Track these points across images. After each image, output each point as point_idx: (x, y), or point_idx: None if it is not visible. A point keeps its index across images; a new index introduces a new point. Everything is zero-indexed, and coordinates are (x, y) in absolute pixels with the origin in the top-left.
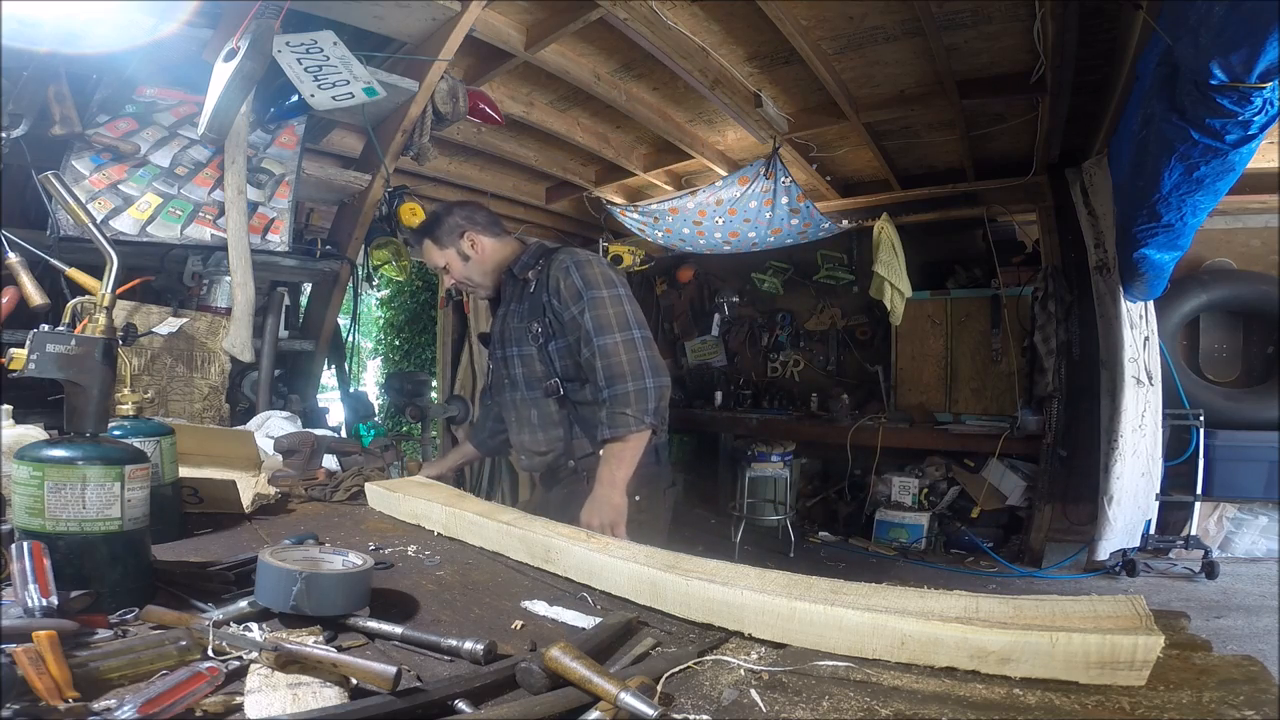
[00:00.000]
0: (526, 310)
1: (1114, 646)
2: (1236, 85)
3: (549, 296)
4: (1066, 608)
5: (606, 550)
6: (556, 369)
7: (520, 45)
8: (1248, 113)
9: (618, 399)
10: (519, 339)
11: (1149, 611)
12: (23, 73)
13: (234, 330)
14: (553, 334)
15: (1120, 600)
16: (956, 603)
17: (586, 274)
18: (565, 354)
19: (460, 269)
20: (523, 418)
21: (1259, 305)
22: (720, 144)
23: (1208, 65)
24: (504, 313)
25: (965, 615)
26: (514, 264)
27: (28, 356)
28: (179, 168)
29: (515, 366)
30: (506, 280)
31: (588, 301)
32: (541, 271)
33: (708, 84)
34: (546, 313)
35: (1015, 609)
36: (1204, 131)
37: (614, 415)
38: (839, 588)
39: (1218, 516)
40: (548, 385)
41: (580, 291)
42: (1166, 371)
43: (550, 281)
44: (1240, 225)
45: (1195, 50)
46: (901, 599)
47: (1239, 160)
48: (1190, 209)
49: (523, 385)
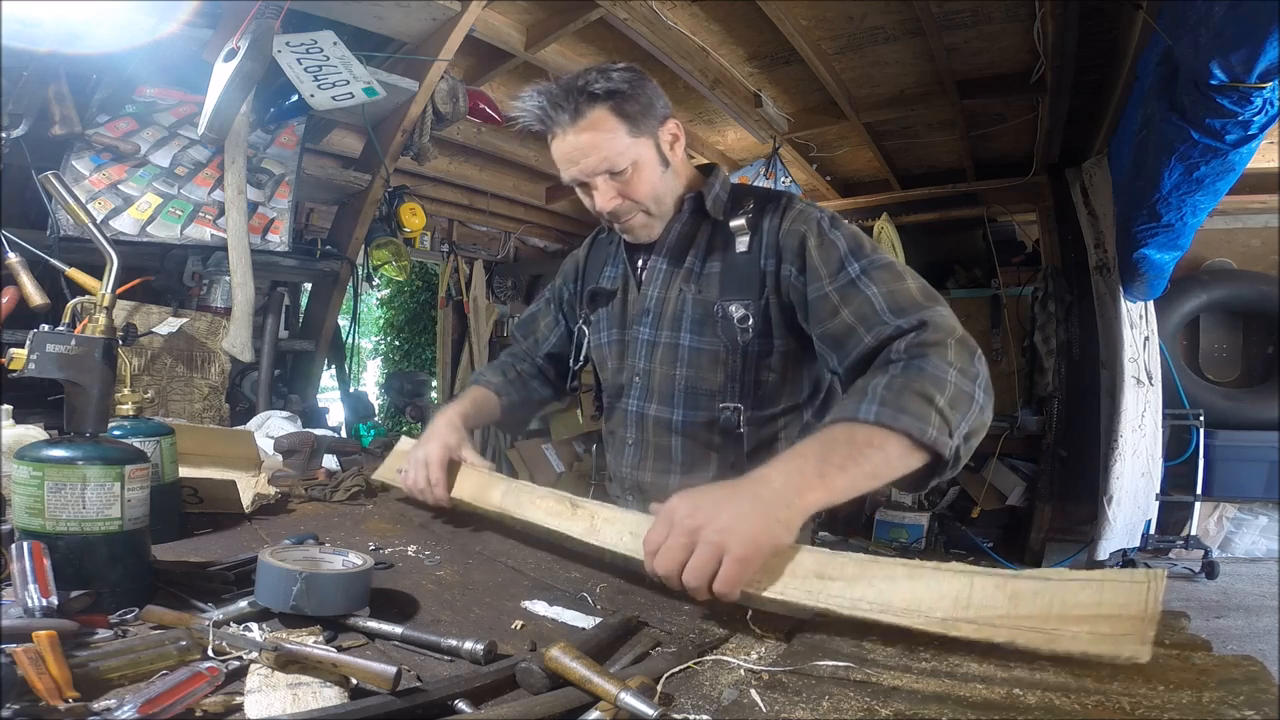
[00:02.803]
0: (718, 277)
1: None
2: (1236, 85)
3: (779, 262)
4: (1067, 598)
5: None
6: (746, 386)
7: (520, 45)
8: (1248, 113)
9: (919, 370)
10: (691, 320)
11: (1158, 609)
12: (23, 73)
13: (234, 330)
14: (769, 329)
15: (1136, 584)
16: (949, 589)
17: (851, 234)
18: (767, 360)
19: (651, 180)
20: (650, 444)
21: (1259, 305)
22: (720, 144)
23: (1208, 65)
24: (661, 270)
25: (954, 612)
26: (696, 195)
27: (28, 356)
28: (179, 168)
29: (666, 362)
30: (675, 219)
31: (862, 272)
32: (756, 219)
33: (708, 84)
34: (765, 290)
35: (1011, 598)
36: (1204, 131)
37: (905, 387)
38: (826, 568)
39: (1218, 516)
40: (722, 409)
41: (846, 259)
42: (1166, 371)
43: (781, 236)
44: (1240, 225)
45: (1195, 50)
46: (889, 588)
47: (1239, 160)
48: (1190, 209)
49: (663, 396)
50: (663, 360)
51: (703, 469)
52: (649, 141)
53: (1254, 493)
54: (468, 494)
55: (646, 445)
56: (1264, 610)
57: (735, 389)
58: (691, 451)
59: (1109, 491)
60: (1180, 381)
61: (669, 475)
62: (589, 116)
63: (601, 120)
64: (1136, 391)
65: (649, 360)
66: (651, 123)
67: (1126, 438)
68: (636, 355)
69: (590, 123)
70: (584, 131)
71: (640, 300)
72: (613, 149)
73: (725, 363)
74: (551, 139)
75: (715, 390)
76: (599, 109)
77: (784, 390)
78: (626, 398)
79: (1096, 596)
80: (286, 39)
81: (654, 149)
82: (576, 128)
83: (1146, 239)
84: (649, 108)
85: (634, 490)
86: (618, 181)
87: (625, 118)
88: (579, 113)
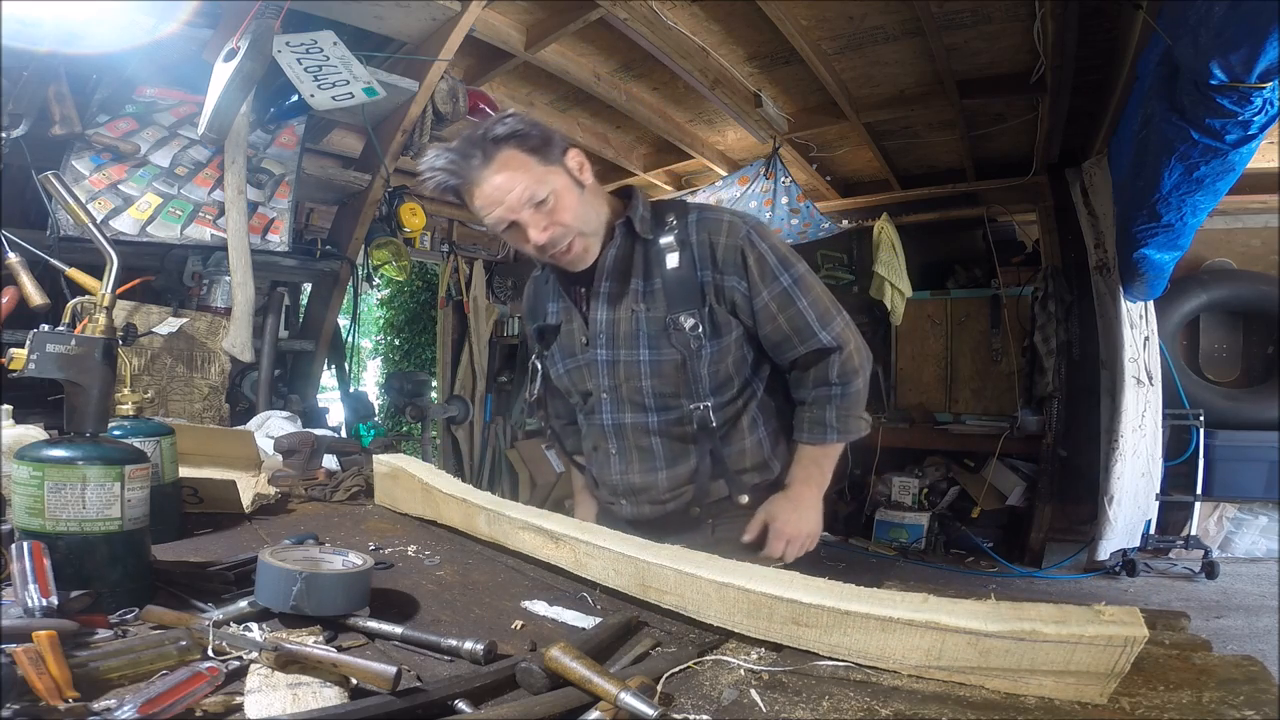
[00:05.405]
0: (662, 293)
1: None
2: (1236, 85)
3: (713, 273)
4: (1038, 658)
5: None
6: (706, 382)
7: (520, 45)
8: (1248, 113)
9: (851, 396)
10: (646, 337)
11: (1128, 668)
12: (23, 73)
13: (234, 330)
14: (716, 331)
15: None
16: (921, 643)
17: (776, 245)
18: (719, 357)
19: (573, 204)
20: (633, 449)
21: (1259, 305)
22: (720, 144)
23: (1208, 65)
24: (605, 294)
25: (925, 661)
26: (623, 218)
27: (28, 356)
28: (179, 168)
29: (632, 376)
30: (608, 244)
31: (794, 283)
32: (682, 235)
33: (708, 84)
34: (707, 298)
35: (982, 654)
36: (1204, 131)
37: (847, 414)
38: (801, 615)
39: (1218, 516)
40: (689, 408)
41: (777, 270)
42: (1166, 371)
43: (718, 251)
44: (1240, 225)
45: (1195, 50)
46: (864, 638)
47: (1239, 160)
48: (1190, 209)
49: (635, 405)
50: (627, 375)
51: (684, 460)
52: (559, 169)
53: (1254, 493)
54: (457, 521)
55: (629, 451)
56: (1264, 610)
57: (698, 388)
58: (670, 447)
59: (1109, 491)
60: (1180, 381)
61: (655, 472)
62: (499, 158)
63: (512, 158)
64: (1136, 391)
65: (611, 377)
66: (555, 153)
67: (1126, 438)
68: (598, 375)
69: (502, 162)
70: (500, 171)
71: (591, 325)
72: (530, 179)
73: (686, 368)
74: (468, 192)
75: (681, 392)
76: (506, 149)
77: (736, 375)
78: (599, 414)
79: (1067, 656)
80: (286, 39)
81: (566, 175)
82: (491, 169)
83: (1146, 239)
84: (548, 140)
85: (627, 494)
86: (542, 212)
87: (532, 152)
88: (489, 156)
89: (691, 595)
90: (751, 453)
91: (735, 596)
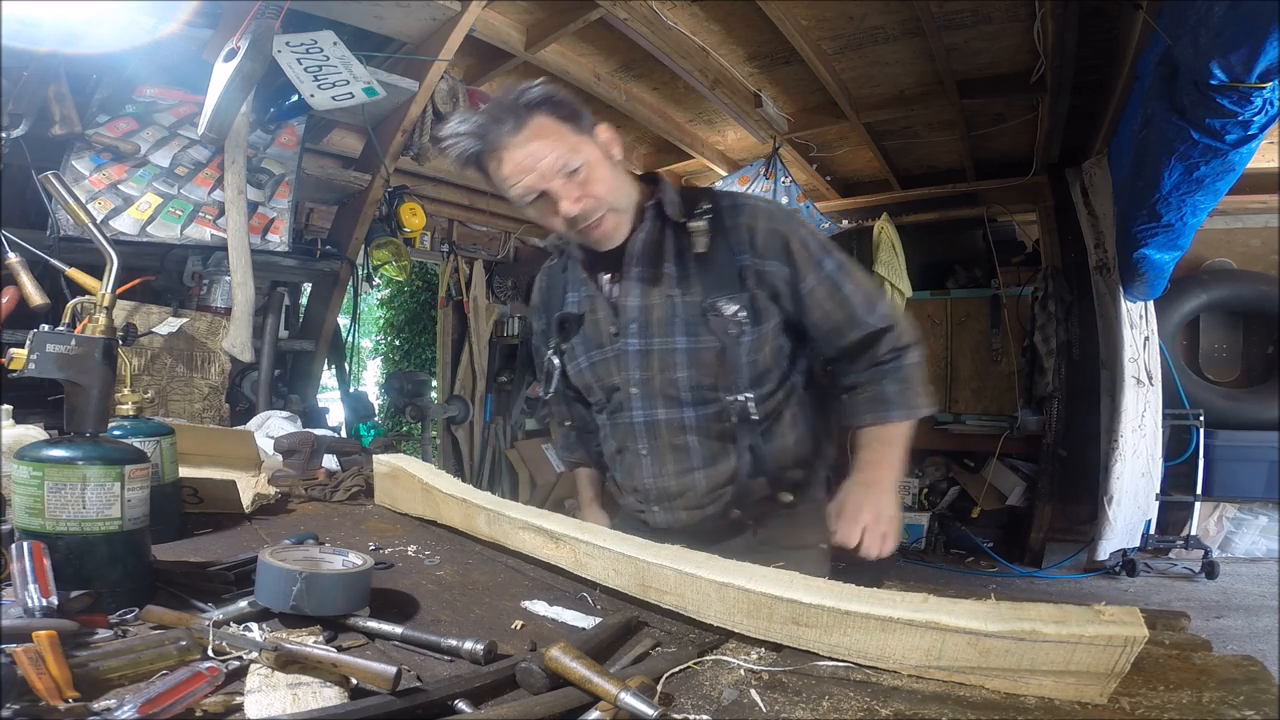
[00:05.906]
0: (698, 278)
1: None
2: (1236, 85)
3: (752, 257)
4: (1038, 658)
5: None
6: (746, 372)
7: (520, 45)
8: (1248, 113)
9: (908, 368)
10: (684, 323)
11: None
12: (23, 73)
13: (234, 330)
14: (757, 317)
15: (1115, 625)
16: (921, 643)
17: (813, 231)
18: (758, 345)
19: (606, 177)
20: (666, 449)
21: (1259, 305)
22: (720, 144)
23: (1208, 65)
24: (636, 279)
25: (925, 662)
26: (653, 201)
27: (28, 356)
28: (179, 168)
29: (667, 367)
30: (638, 226)
31: (838, 268)
32: (716, 219)
33: (708, 84)
34: (747, 283)
35: (982, 654)
36: (1204, 131)
37: (906, 387)
38: (801, 615)
39: (1218, 516)
40: (728, 400)
41: (820, 255)
42: (1166, 371)
43: (758, 236)
44: (1240, 225)
45: (1195, 50)
46: (864, 638)
47: (1239, 160)
48: (1190, 209)
49: (669, 399)
50: (661, 366)
51: (722, 459)
52: (591, 141)
53: (1254, 493)
54: (457, 521)
55: (662, 450)
56: (1264, 610)
57: (738, 379)
58: (708, 445)
59: (1109, 491)
60: (1180, 381)
61: (692, 474)
62: (532, 124)
63: (545, 125)
64: (1136, 391)
65: (644, 369)
66: (587, 124)
67: (1126, 438)
68: (628, 367)
69: (536, 128)
70: (532, 139)
71: (621, 312)
72: (565, 147)
73: (725, 357)
74: (495, 159)
75: (720, 384)
76: (539, 116)
77: (775, 366)
78: (627, 411)
79: (1067, 656)
80: (286, 39)
81: (598, 149)
82: (524, 135)
83: (1146, 239)
84: (580, 112)
85: (660, 499)
86: (575, 182)
87: (566, 120)
88: (522, 121)
89: (691, 595)
90: (795, 448)
91: (735, 596)
